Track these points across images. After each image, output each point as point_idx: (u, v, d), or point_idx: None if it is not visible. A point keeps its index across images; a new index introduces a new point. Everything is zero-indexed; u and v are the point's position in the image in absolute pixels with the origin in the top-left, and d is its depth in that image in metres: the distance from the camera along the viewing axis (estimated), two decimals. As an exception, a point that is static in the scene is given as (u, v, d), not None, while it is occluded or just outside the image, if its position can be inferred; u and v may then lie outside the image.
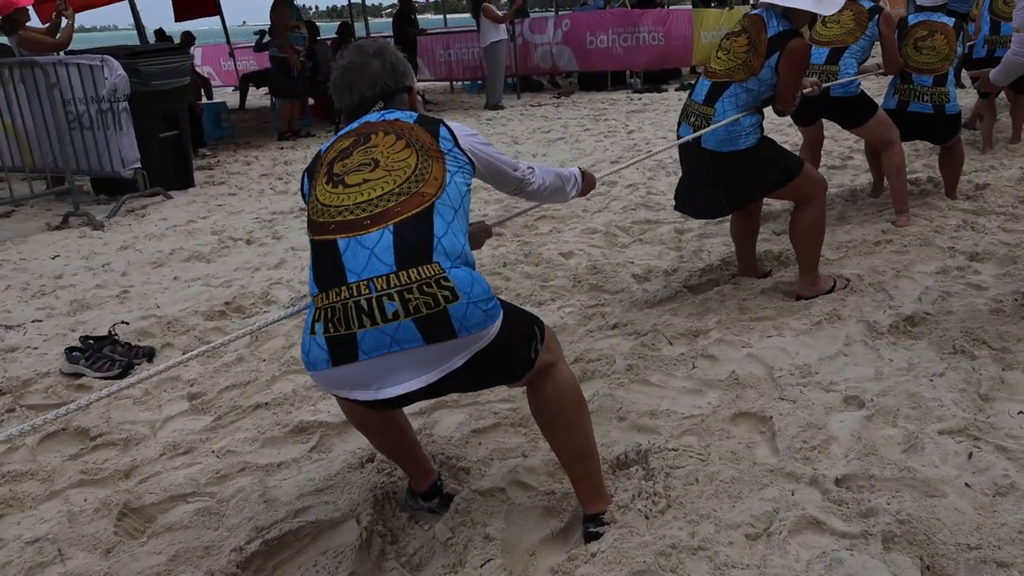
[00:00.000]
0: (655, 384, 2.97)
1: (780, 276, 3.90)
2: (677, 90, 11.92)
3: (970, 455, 2.31)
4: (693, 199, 3.60)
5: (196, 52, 16.13)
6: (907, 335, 3.16)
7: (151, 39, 11.03)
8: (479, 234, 2.40)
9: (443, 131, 2.05)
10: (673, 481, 2.31)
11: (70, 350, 3.49)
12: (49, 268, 5.03)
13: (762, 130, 3.43)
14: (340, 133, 2.11)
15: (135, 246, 5.46)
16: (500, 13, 11.21)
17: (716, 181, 3.46)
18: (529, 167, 2.32)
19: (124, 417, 3.07)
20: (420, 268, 1.78)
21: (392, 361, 1.77)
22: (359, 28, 13.47)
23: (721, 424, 2.64)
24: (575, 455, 2.13)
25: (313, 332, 1.84)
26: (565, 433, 2.10)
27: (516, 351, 1.95)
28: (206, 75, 16.40)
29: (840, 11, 4.56)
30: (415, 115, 2.10)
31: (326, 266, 1.85)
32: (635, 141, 7.96)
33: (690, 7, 13.78)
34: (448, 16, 18.64)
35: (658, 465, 2.39)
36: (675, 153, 5.71)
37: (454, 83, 14.50)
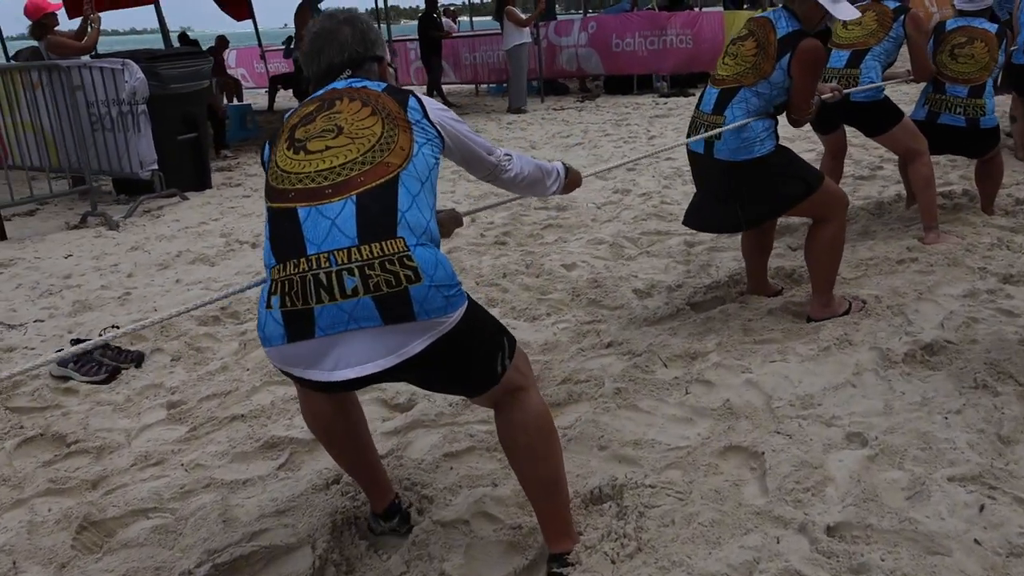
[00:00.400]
0: (644, 410, 2.76)
1: (791, 295, 3.66)
2: (705, 96, 11.64)
3: (982, 507, 2.07)
4: (706, 214, 3.37)
5: (230, 54, 16.26)
6: (924, 365, 2.91)
7: (175, 43, 11.06)
8: (448, 221, 2.25)
9: (412, 101, 1.94)
10: (647, 522, 2.11)
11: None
12: (60, 268, 4.99)
13: (777, 137, 3.20)
14: (306, 99, 1.99)
15: (145, 247, 5.40)
16: (523, 16, 11.04)
17: (730, 194, 3.23)
18: (507, 154, 2.19)
19: (102, 424, 2.99)
20: (383, 243, 1.69)
21: (349, 339, 1.67)
22: (391, 31, 13.35)
23: (708, 458, 2.42)
24: (542, 489, 1.98)
25: (269, 306, 1.73)
26: (532, 465, 1.95)
27: (478, 353, 1.83)
28: (239, 77, 16.54)
29: (864, 11, 4.30)
30: (384, 84, 1.99)
31: (285, 236, 1.74)
32: (655, 147, 7.72)
33: (721, 9, 13.49)
34: (475, 19, 18.54)
35: (632, 503, 2.19)
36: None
37: (479, 86, 14.35)
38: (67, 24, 10.42)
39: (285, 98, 14.58)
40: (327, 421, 2.09)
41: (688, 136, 3.35)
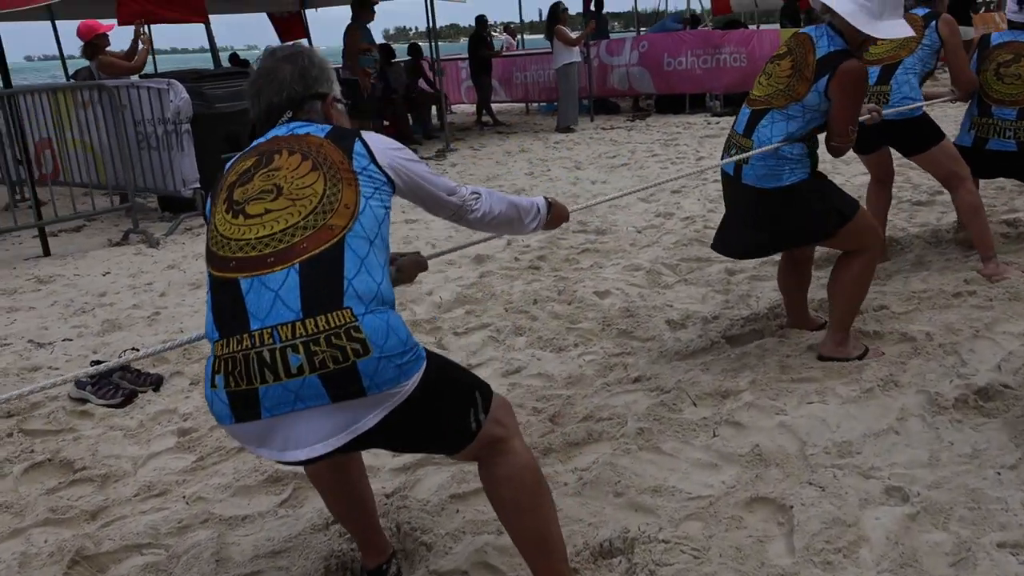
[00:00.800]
0: (667, 453, 2.59)
1: (834, 329, 3.45)
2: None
3: (1034, 580, 1.86)
4: (731, 237, 3.19)
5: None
6: (977, 412, 2.67)
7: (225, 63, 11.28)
8: (410, 266, 2.13)
9: (358, 146, 1.80)
10: (658, 583, 1.94)
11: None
12: (96, 285, 5.03)
13: (812, 165, 3.01)
14: (246, 149, 1.89)
15: (181, 266, 5.42)
16: (573, 35, 10.95)
17: (757, 221, 3.05)
18: (474, 192, 2.04)
19: (111, 450, 2.95)
20: (329, 315, 1.58)
21: (296, 420, 1.58)
22: (439, 50, 13.40)
23: (732, 510, 2.25)
24: (532, 545, 1.86)
25: (214, 385, 1.64)
26: (519, 520, 1.83)
27: (444, 413, 1.72)
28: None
29: None
30: (328, 128, 1.86)
31: (227, 309, 1.64)
32: (703, 169, 7.51)
33: (778, 27, 13.19)
34: (526, 37, 18.53)
35: (643, 560, 2.03)
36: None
37: (529, 105, 14.30)
38: (118, 43, 10.72)
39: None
40: (322, 476, 2.01)
41: (722, 156, 3.19)
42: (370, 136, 1.84)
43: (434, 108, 12.17)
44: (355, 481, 2.06)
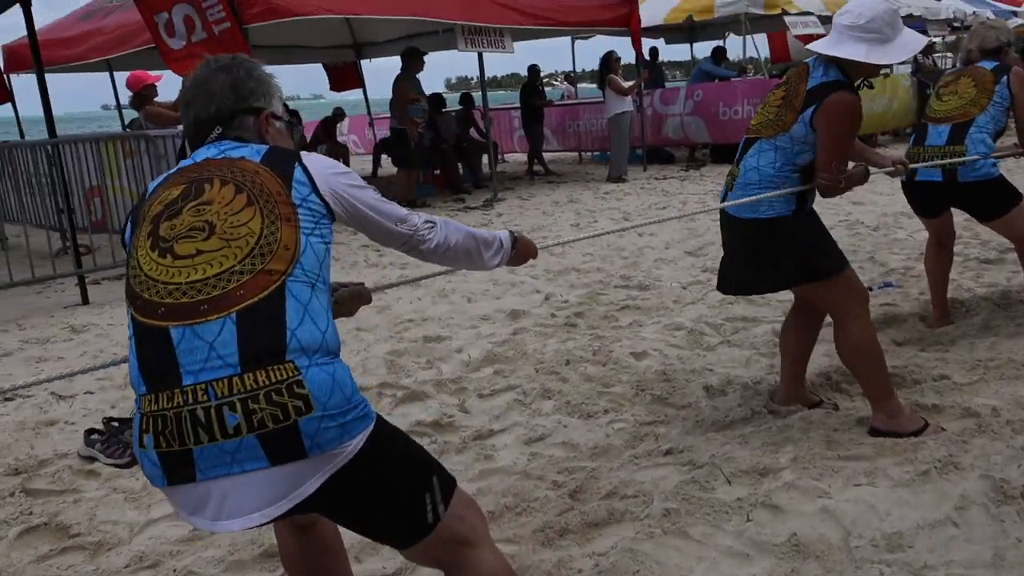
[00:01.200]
0: (694, 539, 2.36)
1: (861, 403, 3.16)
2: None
3: None
4: (726, 272, 3.05)
5: (345, 122, 16.96)
6: (1049, 501, 2.38)
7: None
8: (351, 300, 1.95)
9: (298, 172, 1.63)
10: None
11: (89, 432, 3.33)
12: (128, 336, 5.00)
13: (799, 202, 2.81)
14: (172, 171, 1.72)
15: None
16: (625, 85, 10.87)
17: (745, 256, 2.92)
18: (428, 221, 1.85)
19: (109, 515, 2.84)
20: (270, 370, 1.44)
21: (233, 484, 1.44)
22: (488, 99, 13.49)
23: (763, 613, 2.00)
24: None
25: (142, 445, 1.49)
26: None
27: (393, 489, 1.54)
28: (351, 143, 17.16)
29: (957, 78, 3.83)
30: (263, 149, 1.68)
31: (156, 360, 1.49)
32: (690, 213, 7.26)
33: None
34: (579, 85, 18.58)
35: (658, 672, 1.80)
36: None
37: (582, 154, 14.24)
38: (168, 92, 11.05)
39: (388, 162, 14.90)
40: (291, 556, 1.83)
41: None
42: (311, 159, 1.68)
43: (484, 157, 12.20)
44: (332, 567, 1.88)
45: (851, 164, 2.98)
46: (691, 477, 2.69)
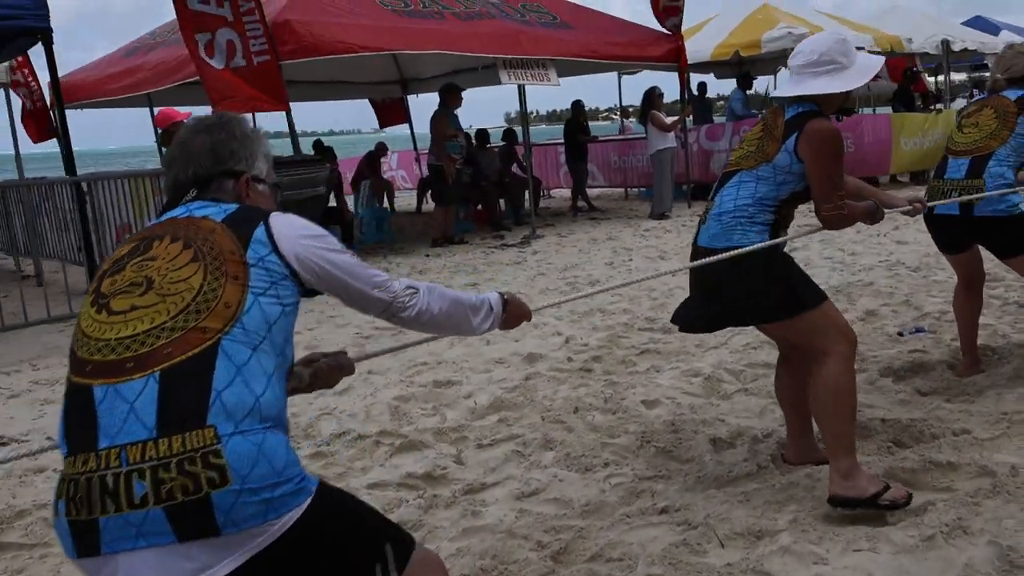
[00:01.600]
0: (676, 608, 2.25)
1: (902, 457, 3.01)
2: (869, 200, 10.73)
3: None
4: (683, 306, 2.97)
5: (392, 156, 17.29)
6: (1062, 575, 2.21)
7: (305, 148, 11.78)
8: (329, 372, 1.91)
9: (259, 232, 1.60)
10: None
11: None
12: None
13: (773, 236, 2.71)
14: (133, 234, 1.73)
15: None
16: (668, 121, 10.80)
17: (699, 284, 2.85)
18: (409, 287, 1.80)
19: (75, 572, 2.78)
20: (187, 435, 1.37)
21: (137, 560, 1.35)
22: (529, 134, 13.54)
23: None
24: None
25: (56, 512, 1.46)
26: None
27: (337, 567, 1.47)
28: (400, 178, 17.48)
29: (980, 109, 3.68)
30: (231, 209, 1.66)
31: (77, 421, 1.45)
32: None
33: (890, 111, 12.62)
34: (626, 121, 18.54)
35: None
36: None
37: (628, 189, 14.16)
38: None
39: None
40: None
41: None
42: (280, 220, 1.65)
43: (527, 193, 12.23)
44: None
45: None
46: (683, 539, 2.58)
